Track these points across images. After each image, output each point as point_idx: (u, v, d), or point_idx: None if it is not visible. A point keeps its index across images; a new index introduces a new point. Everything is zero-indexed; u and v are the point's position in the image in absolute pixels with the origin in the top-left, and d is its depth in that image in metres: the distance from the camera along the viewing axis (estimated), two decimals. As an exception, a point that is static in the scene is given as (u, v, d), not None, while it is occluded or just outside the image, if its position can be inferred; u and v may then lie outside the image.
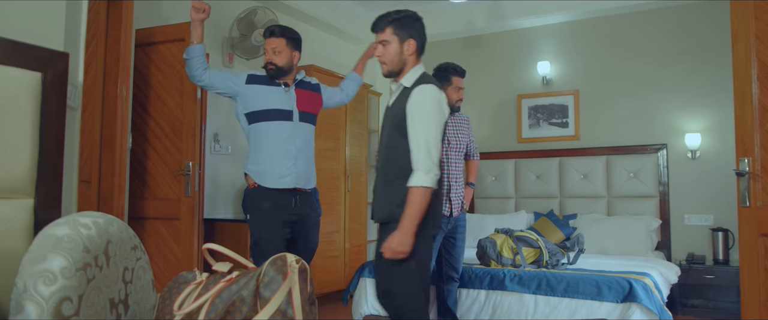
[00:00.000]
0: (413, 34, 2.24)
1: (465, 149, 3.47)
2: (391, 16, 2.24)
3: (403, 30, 2.22)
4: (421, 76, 2.23)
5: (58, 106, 1.47)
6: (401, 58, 2.24)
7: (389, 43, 2.23)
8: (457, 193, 3.34)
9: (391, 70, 2.26)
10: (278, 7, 4.76)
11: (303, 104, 2.92)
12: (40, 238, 1.06)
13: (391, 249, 2.10)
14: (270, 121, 2.82)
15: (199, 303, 1.25)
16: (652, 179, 4.74)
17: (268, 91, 2.86)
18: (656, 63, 4.86)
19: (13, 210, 1.36)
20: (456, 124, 3.43)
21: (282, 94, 2.88)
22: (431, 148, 2.12)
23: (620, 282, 3.15)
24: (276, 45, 2.86)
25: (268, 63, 2.86)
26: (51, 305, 0.99)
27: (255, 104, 2.84)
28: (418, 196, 2.09)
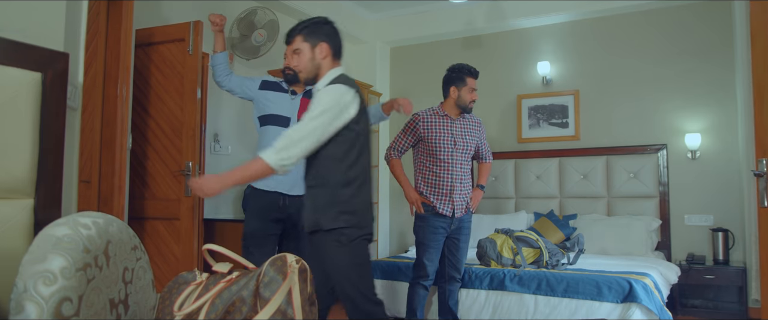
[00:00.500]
0: (324, 38, 2.24)
1: (473, 151, 3.45)
2: (300, 26, 2.27)
3: (312, 36, 2.23)
4: (335, 78, 2.22)
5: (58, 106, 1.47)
6: (314, 64, 2.24)
7: (300, 52, 2.25)
8: (461, 194, 3.34)
9: (306, 77, 2.27)
10: (278, 7, 4.76)
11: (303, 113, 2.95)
12: (40, 238, 1.06)
13: (198, 184, 2.03)
14: (269, 126, 2.99)
15: (199, 304, 1.25)
16: (652, 179, 4.74)
17: (275, 97, 3.03)
18: (656, 63, 4.86)
19: (13, 210, 1.36)
20: (464, 126, 3.41)
21: (287, 101, 3.03)
22: (305, 136, 2.06)
23: (620, 283, 3.15)
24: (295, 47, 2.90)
25: (286, 67, 2.90)
26: (51, 305, 0.99)
27: (261, 109, 3.03)
28: (255, 166, 2.05)
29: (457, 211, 3.31)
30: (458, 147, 3.35)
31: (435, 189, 3.31)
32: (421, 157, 3.40)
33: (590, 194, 4.94)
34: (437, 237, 3.30)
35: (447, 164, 3.31)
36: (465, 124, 3.42)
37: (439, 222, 3.29)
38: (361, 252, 2.19)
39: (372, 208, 2.25)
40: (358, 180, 2.17)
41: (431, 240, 3.28)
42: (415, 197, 3.33)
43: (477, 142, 3.47)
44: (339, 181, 2.14)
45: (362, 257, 2.19)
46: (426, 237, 3.28)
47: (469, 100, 3.35)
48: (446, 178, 3.31)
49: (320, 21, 2.29)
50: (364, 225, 2.19)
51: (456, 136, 3.36)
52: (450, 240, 3.37)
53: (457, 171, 3.34)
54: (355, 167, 2.16)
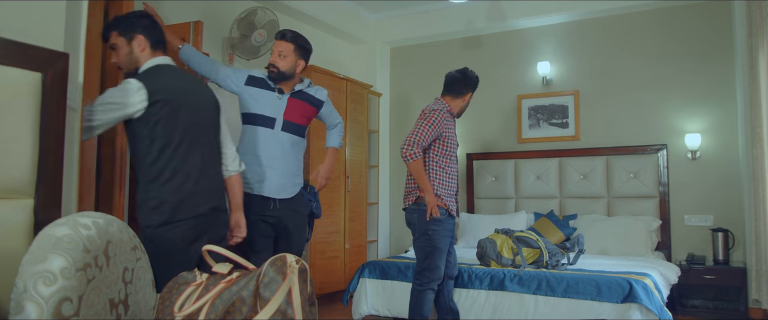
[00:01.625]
0: (140, 31, 2.20)
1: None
2: (114, 22, 2.25)
3: (127, 31, 2.20)
4: (146, 70, 2.19)
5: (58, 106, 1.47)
6: (132, 58, 2.21)
7: (118, 47, 2.22)
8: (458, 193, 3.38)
9: (127, 71, 2.24)
10: (278, 7, 4.76)
11: (290, 114, 2.86)
12: (40, 238, 1.06)
13: None
14: (252, 125, 2.85)
15: (199, 305, 1.25)
16: (652, 179, 4.74)
17: (261, 94, 2.86)
18: (656, 63, 4.86)
19: (13, 210, 1.35)
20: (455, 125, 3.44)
21: (274, 100, 2.86)
22: (91, 124, 2.06)
23: (620, 283, 3.15)
24: (283, 49, 2.84)
25: (270, 64, 2.85)
26: (51, 305, 0.99)
27: (245, 106, 2.88)
28: None
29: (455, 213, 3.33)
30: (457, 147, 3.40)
31: (448, 190, 3.24)
32: (435, 156, 3.23)
33: (590, 194, 4.94)
34: (448, 240, 3.26)
35: (455, 164, 3.34)
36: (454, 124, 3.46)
37: (451, 225, 3.26)
38: (171, 247, 2.09)
39: (198, 198, 2.16)
40: (163, 175, 2.11)
41: (446, 244, 3.21)
42: (435, 201, 3.15)
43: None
44: (145, 178, 2.13)
45: (169, 256, 2.09)
46: (442, 242, 3.17)
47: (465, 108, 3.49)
48: (454, 179, 3.32)
49: (135, 14, 2.26)
50: (180, 219, 2.12)
51: (457, 136, 3.41)
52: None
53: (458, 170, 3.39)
54: (158, 162, 2.11)
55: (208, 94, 2.35)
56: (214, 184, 2.28)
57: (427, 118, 3.18)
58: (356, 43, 6.00)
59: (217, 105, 2.37)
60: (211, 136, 2.30)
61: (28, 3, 1.61)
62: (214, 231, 2.24)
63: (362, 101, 5.38)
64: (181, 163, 2.14)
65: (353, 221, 5.15)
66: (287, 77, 2.86)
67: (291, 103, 2.87)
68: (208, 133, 2.28)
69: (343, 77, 5.09)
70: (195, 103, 2.22)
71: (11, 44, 1.39)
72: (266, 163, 2.82)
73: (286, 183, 2.85)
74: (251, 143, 2.85)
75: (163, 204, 2.09)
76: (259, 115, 2.85)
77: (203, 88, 2.35)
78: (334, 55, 5.77)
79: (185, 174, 2.14)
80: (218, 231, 2.28)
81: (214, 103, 2.35)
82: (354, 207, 5.16)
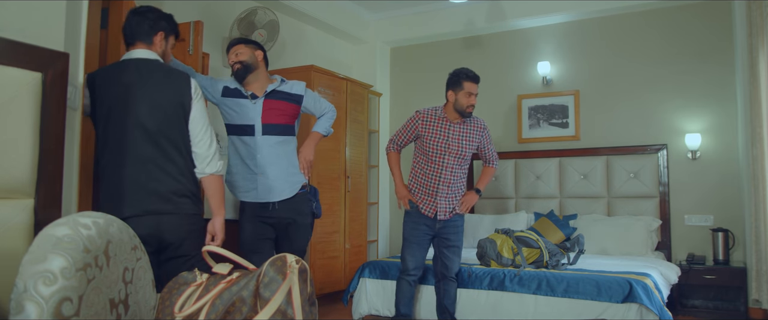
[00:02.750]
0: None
1: (468, 156, 3.43)
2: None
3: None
4: None
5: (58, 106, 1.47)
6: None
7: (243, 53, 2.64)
8: (447, 198, 3.37)
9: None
10: (278, 7, 4.76)
11: (268, 116, 2.85)
12: (40, 238, 1.06)
13: None
14: (234, 135, 2.89)
15: (199, 305, 1.25)
16: (652, 179, 4.74)
17: (237, 104, 2.88)
18: (656, 63, 4.86)
19: (13, 210, 1.35)
20: (463, 130, 3.40)
21: (249, 106, 2.86)
22: None
23: (620, 283, 3.15)
24: (236, 49, 2.88)
25: (233, 64, 2.86)
26: (51, 305, 0.98)
27: (226, 117, 2.93)
28: None
29: (439, 214, 3.35)
30: (450, 151, 3.35)
31: (421, 188, 3.40)
32: (416, 154, 3.48)
33: (590, 194, 4.94)
34: (418, 234, 3.37)
35: (436, 166, 3.36)
36: (464, 129, 3.40)
37: (423, 220, 3.38)
38: None
39: (132, 189, 2.09)
40: (108, 166, 2.13)
41: (413, 237, 3.39)
42: (403, 193, 3.42)
43: (477, 146, 3.47)
44: (97, 173, 2.16)
45: None
46: (408, 233, 3.41)
47: (466, 105, 3.34)
48: (433, 180, 3.36)
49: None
50: (115, 214, 2.12)
51: (450, 140, 3.36)
52: (439, 239, 3.42)
53: (446, 174, 3.35)
54: (104, 155, 2.14)
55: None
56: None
57: (407, 119, 3.50)
58: (356, 43, 6.00)
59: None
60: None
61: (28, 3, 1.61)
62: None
63: (362, 101, 5.38)
64: (116, 152, 2.19)
65: (353, 221, 5.15)
66: (251, 69, 2.84)
67: (267, 105, 2.86)
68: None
69: (343, 77, 5.08)
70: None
71: (11, 44, 1.39)
72: (257, 170, 2.83)
73: (282, 185, 2.85)
74: (239, 153, 2.88)
75: (105, 198, 2.15)
76: (238, 125, 2.87)
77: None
78: (334, 55, 5.76)
79: (120, 164, 2.18)
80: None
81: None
82: (354, 207, 5.16)
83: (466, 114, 3.36)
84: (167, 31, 2.31)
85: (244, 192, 2.90)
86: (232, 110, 2.90)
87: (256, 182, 2.84)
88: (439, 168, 3.35)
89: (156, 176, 2.11)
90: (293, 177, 2.89)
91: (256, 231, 2.87)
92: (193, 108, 2.22)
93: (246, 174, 2.87)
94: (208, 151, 2.26)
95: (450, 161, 3.35)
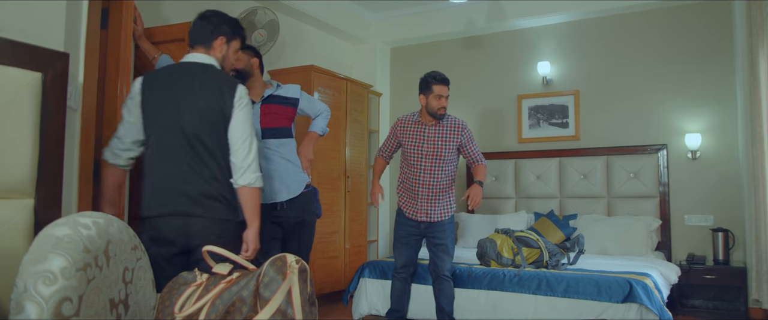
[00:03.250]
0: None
1: (448, 158, 3.43)
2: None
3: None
4: None
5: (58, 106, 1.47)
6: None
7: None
8: (430, 201, 3.41)
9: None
10: (278, 7, 4.76)
11: (266, 120, 2.90)
12: (40, 238, 1.06)
13: None
14: None
15: (199, 305, 1.25)
16: (652, 179, 4.74)
17: None
18: (656, 63, 4.86)
19: (13, 210, 1.35)
20: (439, 132, 3.43)
21: None
22: None
23: (620, 283, 3.15)
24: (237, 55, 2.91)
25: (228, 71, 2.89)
26: (51, 305, 0.98)
27: None
28: None
29: (420, 216, 3.42)
30: (426, 153, 3.41)
31: (404, 191, 3.54)
32: (401, 159, 3.61)
33: (590, 194, 4.94)
34: (404, 234, 3.51)
35: (415, 169, 3.44)
36: (440, 130, 3.43)
37: (408, 221, 3.49)
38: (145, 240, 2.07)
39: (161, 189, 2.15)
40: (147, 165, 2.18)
41: (399, 236, 3.54)
42: (374, 192, 3.60)
43: (456, 146, 3.46)
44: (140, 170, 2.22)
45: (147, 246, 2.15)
46: (396, 233, 3.57)
47: (437, 107, 3.39)
48: (413, 183, 3.45)
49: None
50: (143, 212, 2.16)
51: (425, 142, 3.42)
52: (428, 239, 3.52)
53: (425, 177, 3.41)
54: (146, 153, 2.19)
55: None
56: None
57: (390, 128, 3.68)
58: (356, 43, 6.00)
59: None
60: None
61: (28, 3, 1.61)
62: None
63: (362, 101, 5.38)
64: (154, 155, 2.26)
65: (353, 221, 5.15)
66: (246, 77, 2.90)
67: (264, 110, 2.91)
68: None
69: (343, 77, 5.08)
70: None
71: (11, 44, 1.39)
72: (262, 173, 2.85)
73: (288, 185, 2.89)
74: None
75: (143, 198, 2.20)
76: None
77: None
78: (334, 55, 5.76)
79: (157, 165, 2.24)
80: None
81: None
82: (354, 207, 5.16)
83: (438, 116, 3.41)
84: (229, 35, 2.32)
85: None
86: None
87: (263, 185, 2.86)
88: (418, 171, 3.43)
89: (187, 178, 2.12)
90: (297, 175, 2.94)
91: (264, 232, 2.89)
92: (234, 116, 2.18)
93: None
94: (242, 162, 2.18)
95: (427, 163, 3.41)
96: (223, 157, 2.18)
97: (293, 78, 4.86)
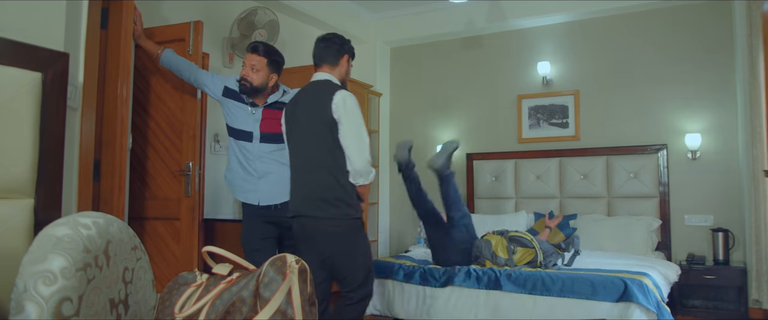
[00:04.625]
0: (349, 52, 2.78)
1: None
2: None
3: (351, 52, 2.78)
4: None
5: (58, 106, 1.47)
6: (348, 74, 2.81)
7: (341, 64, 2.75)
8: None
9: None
10: (278, 7, 4.76)
11: (267, 125, 2.89)
12: (40, 238, 1.06)
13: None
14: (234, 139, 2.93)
15: (199, 306, 1.25)
16: (652, 179, 4.74)
17: (237, 108, 2.92)
18: (656, 63, 4.86)
19: (13, 210, 1.35)
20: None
21: (248, 113, 2.90)
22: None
23: (615, 282, 3.15)
24: (256, 62, 2.85)
25: (243, 78, 2.85)
26: (51, 305, 0.98)
27: (226, 117, 2.98)
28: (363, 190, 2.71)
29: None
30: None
31: None
32: None
33: (590, 194, 4.94)
34: None
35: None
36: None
37: None
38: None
39: (296, 191, 2.63)
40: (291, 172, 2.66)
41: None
42: None
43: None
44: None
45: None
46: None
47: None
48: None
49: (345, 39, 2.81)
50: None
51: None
52: None
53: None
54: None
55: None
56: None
57: None
58: (356, 43, 5.94)
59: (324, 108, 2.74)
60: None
61: (28, 3, 1.61)
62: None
63: (362, 101, 5.38)
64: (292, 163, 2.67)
65: (353, 221, 5.15)
66: (259, 91, 2.88)
67: (266, 115, 2.89)
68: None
69: (343, 77, 5.08)
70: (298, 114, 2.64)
71: (11, 44, 1.39)
72: (258, 175, 2.88)
73: (283, 188, 2.87)
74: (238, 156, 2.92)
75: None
76: (237, 129, 2.90)
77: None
78: (334, 55, 5.76)
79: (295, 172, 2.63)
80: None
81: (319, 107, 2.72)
82: (354, 207, 5.16)
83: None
84: (351, 54, 2.73)
85: (243, 193, 2.93)
86: (230, 112, 2.94)
87: (257, 185, 2.87)
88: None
89: (314, 180, 2.50)
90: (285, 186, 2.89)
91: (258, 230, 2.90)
92: (340, 124, 2.50)
93: (246, 175, 2.90)
94: (353, 166, 2.50)
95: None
96: (338, 162, 2.63)
97: (293, 78, 4.86)
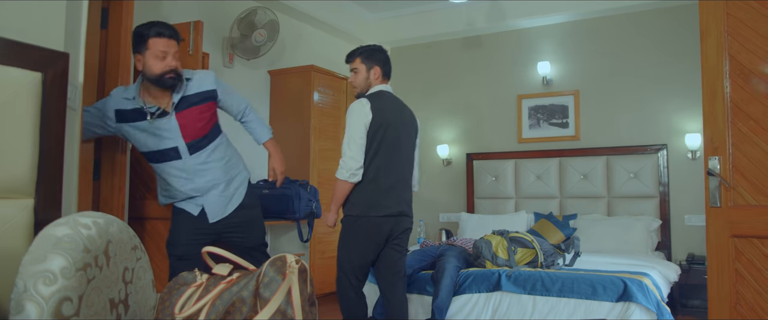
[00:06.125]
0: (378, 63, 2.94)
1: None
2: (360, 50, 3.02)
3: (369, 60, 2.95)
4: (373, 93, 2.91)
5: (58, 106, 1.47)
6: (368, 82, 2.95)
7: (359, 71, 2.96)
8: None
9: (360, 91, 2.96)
10: (278, 7, 4.76)
11: (188, 131, 2.45)
12: (40, 238, 1.06)
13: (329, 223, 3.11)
14: (157, 163, 2.51)
15: (199, 306, 1.25)
16: (652, 179, 4.74)
17: (140, 129, 2.44)
18: (656, 63, 4.86)
19: (13, 210, 1.35)
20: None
21: (159, 128, 2.42)
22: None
23: (615, 282, 3.15)
24: (165, 45, 2.38)
25: (166, 71, 2.37)
26: (51, 305, 0.98)
27: (137, 146, 2.50)
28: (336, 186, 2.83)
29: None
30: None
31: None
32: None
33: (590, 194, 4.94)
34: None
35: None
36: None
37: None
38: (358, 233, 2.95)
39: (393, 194, 2.87)
40: (378, 172, 2.82)
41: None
42: None
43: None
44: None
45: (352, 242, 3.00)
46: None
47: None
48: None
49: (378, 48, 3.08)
50: (376, 209, 2.85)
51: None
52: None
53: None
54: (374, 161, 2.82)
55: (412, 120, 2.97)
56: (401, 194, 2.84)
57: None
58: (356, 43, 5.98)
59: (416, 129, 3.01)
60: (405, 155, 2.89)
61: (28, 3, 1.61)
62: (398, 228, 2.83)
63: (362, 101, 5.38)
64: (378, 172, 2.74)
65: (353, 221, 5.14)
66: (182, 77, 2.47)
67: (182, 118, 2.44)
68: (404, 152, 2.87)
69: (343, 77, 5.08)
70: (398, 125, 2.82)
71: (11, 44, 1.39)
72: (198, 194, 2.55)
73: (230, 193, 2.63)
74: (171, 183, 2.53)
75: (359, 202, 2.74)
76: (156, 151, 2.46)
77: (408, 114, 2.94)
78: (334, 55, 5.76)
79: (380, 183, 2.74)
80: (400, 229, 2.86)
81: (414, 128, 2.99)
82: (354, 207, 5.15)
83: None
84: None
85: (185, 202, 2.59)
86: (136, 137, 2.46)
87: (205, 202, 2.56)
88: None
89: (404, 187, 2.87)
90: (238, 176, 2.66)
91: (194, 243, 2.53)
92: (417, 147, 3.05)
93: (190, 200, 2.58)
94: (415, 181, 3.05)
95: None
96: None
97: (293, 78, 4.86)
